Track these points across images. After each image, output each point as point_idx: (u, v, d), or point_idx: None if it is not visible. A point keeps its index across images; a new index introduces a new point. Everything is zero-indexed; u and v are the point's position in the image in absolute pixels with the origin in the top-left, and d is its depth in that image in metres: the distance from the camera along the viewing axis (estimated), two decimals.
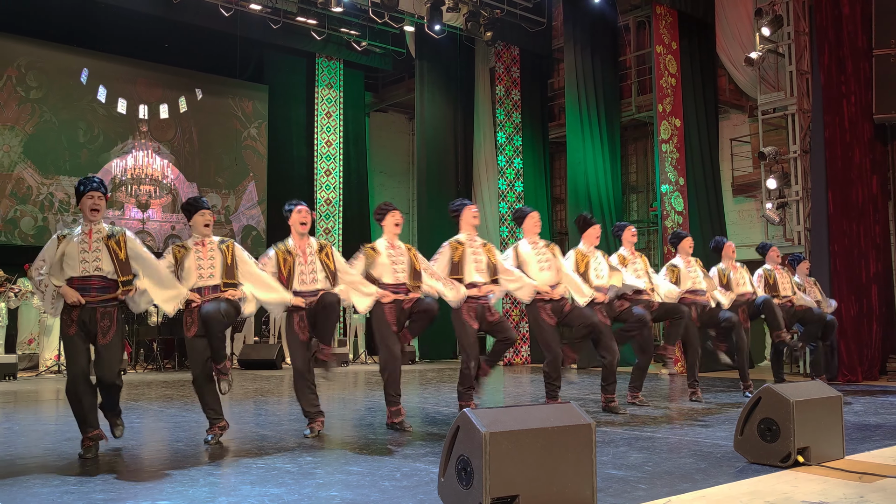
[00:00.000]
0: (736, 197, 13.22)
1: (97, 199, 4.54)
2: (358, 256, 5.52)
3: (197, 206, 5.02)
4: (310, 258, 5.23)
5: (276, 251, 5.24)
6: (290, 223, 5.31)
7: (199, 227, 4.97)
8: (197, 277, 4.84)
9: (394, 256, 5.50)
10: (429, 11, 12.77)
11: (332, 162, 15.36)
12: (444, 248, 5.83)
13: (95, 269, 4.45)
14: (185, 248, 4.93)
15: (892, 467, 3.97)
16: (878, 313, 9.69)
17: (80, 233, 4.52)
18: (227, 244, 4.98)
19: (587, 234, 6.54)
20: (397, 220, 5.59)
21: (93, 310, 4.42)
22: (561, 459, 3.02)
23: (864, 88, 9.74)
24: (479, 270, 5.78)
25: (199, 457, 4.50)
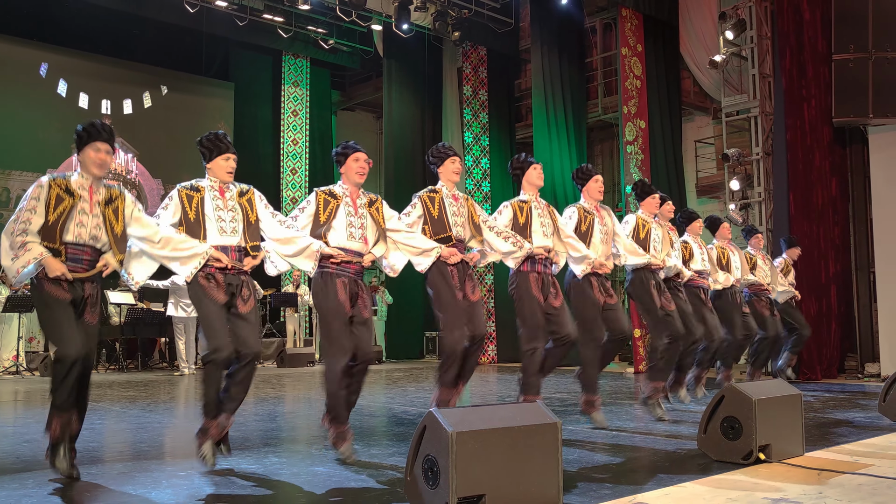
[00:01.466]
0: (700, 198, 13.39)
1: (104, 154, 3.72)
2: (414, 205, 4.70)
3: (221, 146, 4.02)
4: (360, 210, 4.30)
5: (316, 193, 4.28)
6: (343, 171, 4.34)
7: (222, 173, 4.02)
8: (219, 231, 3.91)
9: (455, 206, 4.73)
10: (396, 10, 12.75)
11: (298, 160, 15.28)
12: (506, 207, 5.14)
13: (91, 237, 3.67)
14: (197, 191, 3.95)
15: (849, 464, 4.06)
16: (837, 313, 9.89)
17: (78, 186, 3.67)
18: (248, 195, 4.09)
19: (646, 203, 6.09)
20: (457, 167, 4.79)
21: (81, 284, 3.64)
22: (527, 459, 3.03)
23: (823, 92, 9.93)
24: (546, 235, 5.10)
25: (162, 458, 4.44)
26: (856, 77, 9.52)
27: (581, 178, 5.68)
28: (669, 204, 6.61)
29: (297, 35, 14.55)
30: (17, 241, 3.53)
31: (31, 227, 3.54)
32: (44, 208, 3.56)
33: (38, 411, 6.75)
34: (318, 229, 4.20)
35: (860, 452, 4.39)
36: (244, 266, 3.96)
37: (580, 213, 5.49)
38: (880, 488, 3.46)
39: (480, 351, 4.82)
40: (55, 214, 3.57)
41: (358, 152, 4.35)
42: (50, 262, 3.53)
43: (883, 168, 9.90)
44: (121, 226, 3.73)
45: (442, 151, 4.83)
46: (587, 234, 5.44)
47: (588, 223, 5.46)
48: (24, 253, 3.52)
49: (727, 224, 7.64)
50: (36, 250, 3.52)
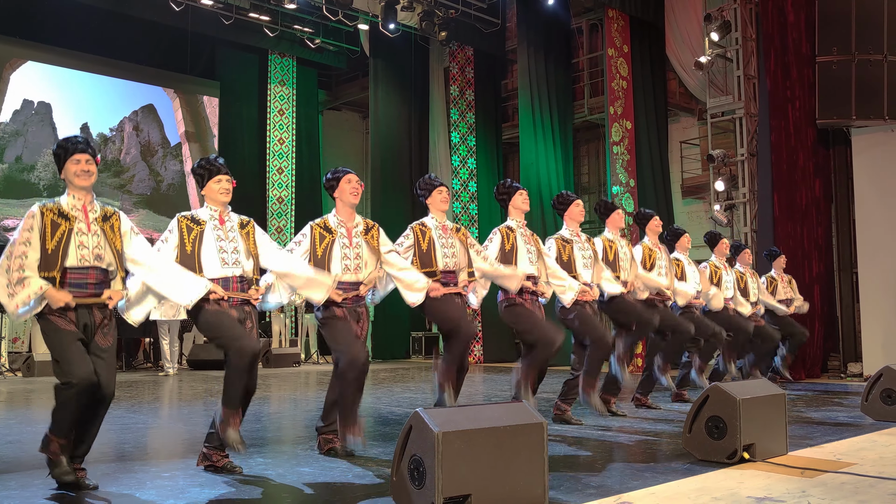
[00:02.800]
0: (685, 199, 13.46)
1: (85, 164, 3.49)
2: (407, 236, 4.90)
3: (212, 170, 3.96)
4: (355, 239, 4.40)
5: (311, 227, 4.38)
6: (337, 195, 4.45)
7: (216, 195, 3.95)
8: (221, 263, 3.87)
9: (444, 238, 4.91)
10: (383, 10, 12.74)
11: (284, 160, 15.23)
12: (495, 234, 5.30)
13: (96, 257, 3.49)
14: (198, 223, 3.90)
15: (832, 463, 4.09)
16: (820, 313, 9.96)
17: (70, 207, 3.50)
18: (248, 228, 4.03)
19: (611, 220, 6.17)
20: (444, 196, 4.99)
21: (89, 309, 3.46)
22: (513, 458, 3.03)
23: (807, 94, 10.01)
24: (531, 262, 5.25)
25: (147, 459, 4.42)
26: (839, 79, 9.60)
27: (561, 204, 5.87)
28: (656, 219, 6.68)
29: (283, 34, 14.51)
30: (14, 277, 3.35)
31: (27, 262, 3.36)
32: (38, 239, 3.39)
33: (20, 412, 6.69)
34: (316, 263, 4.28)
35: (843, 451, 4.43)
36: (250, 296, 3.95)
37: (558, 246, 5.66)
38: (862, 487, 3.50)
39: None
40: (54, 242, 3.39)
41: (349, 174, 4.48)
42: (52, 294, 3.36)
43: (865, 169, 9.99)
44: (119, 242, 3.59)
45: (429, 183, 5.02)
46: (569, 264, 5.61)
47: (568, 252, 5.65)
48: (21, 289, 3.34)
49: (726, 241, 7.63)
50: (35, 284, 3.34)
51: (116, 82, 14.32)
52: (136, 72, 14.29)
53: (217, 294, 3.81)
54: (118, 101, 14.36)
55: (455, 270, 4.92)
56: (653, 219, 6.63)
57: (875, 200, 9.86)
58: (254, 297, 3.97)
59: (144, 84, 14.63)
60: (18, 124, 13.23)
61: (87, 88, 13.96)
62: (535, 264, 5.29)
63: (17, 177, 13.04)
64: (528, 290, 5.20)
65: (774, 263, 8.56)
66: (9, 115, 13.11)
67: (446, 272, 4.87)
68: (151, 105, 14.86)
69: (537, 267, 5.31)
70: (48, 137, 13.48)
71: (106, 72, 14.03)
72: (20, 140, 13.24)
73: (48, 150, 13.36)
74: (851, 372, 10.03)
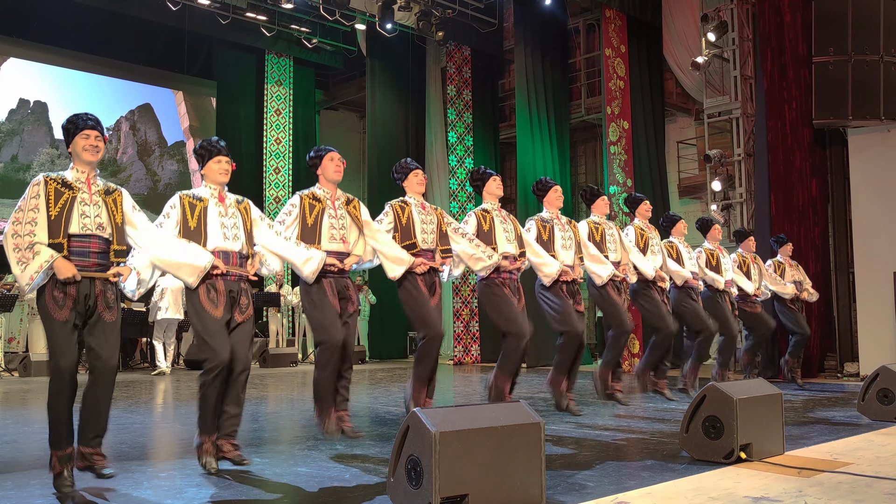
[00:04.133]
0: (682, 199, 13.47)
1: (94, 139, 3.60)
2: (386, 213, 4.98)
3: (212, 150, 4.10)
4: (339, 210, 4.55)
5: (301, 198, 4.51)
6: (320, 172, 4.61)
7: (215, 175, 4.08)
8: (223, 238, 3.96)
9: (423, 215, 5.00)
10: (380, 10, 12.73)
11: (281, 160, 15.21)
12: (471, 216, 5.37)
13: (98, 226, 3.53)
14: (200, 200, 4.00)
15: (828, 462, 4.10)
16: (817, 313, 9.98)
17: (75, 178, 3.57)
18: (244, 204, 4.17)
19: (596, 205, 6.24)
20: (420, 179, 5.09)
21: (91, 282, 3.48)
22: (510, 458, 3.03)
23: (804, 94, 10.02)
24: (509, 241, 5.32)
25: (144, 459, 4.41)
26: (836, 79, 9.61)
27: (540, 190, 5.96)
28: (646, 203, 6.78)
29: (280, 34, 14.50)
30: (24, 241, 3.36)
31: (37, 228, 3.39)
32: (44, 204, 3.43)
33: (16, 412, 6.68)
34: (306, 232, 4.41)
35: (840, 451, 4.44)
36: (247, 272, 4.02)
37: (538, 225, 5.74)
38: (859, 486, 3.50)
39: None
40: (57, 208, 3.44)
41: (331, 152, 4.66)
42: (60, 265, 3.37)
43: (862, 169, 10.01)
44: (120, 216, 3.63)
45: (405, 166, 5.14)
46: (549, 243, 5.68)
47: (549, 232, 5.71)
48: (33, 257, 3.35)
49: (718, 226, 7.65)
50: (45, 253, 3.36)
51: (113, 82, 14.30)
52: (132, 71, 14.26)
53: (219, 269, 3.87)
54: (115, 101, 14.34)
55: (433, 249, 5.00)
56: (643, 202, 6.76)
57: (871, 200, 9.87)
58: (250, 273, 4.04)
59: (141, 84, 14.60)
60: (14, 123, 13.20)
61: (83, 88, 13.94)
62: (512, 243, 5.36)
63: (13, 176, 13.02)
64: (505, 269, 5.26)
65: (781, 250, 8.61)
66: (4, 114, 13.09)
67: (425, 249, 4.95)
68: (148, 104, 14.84)
69: (515, 245, 5.37)
70: (44, 137, 13.46)
71: (103, 71, 14.00)
72: (16, 139, 13.21)
73: (44, 150, 13.36)
74: (848, 372, 10.04)
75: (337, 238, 4.48)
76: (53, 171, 3.60)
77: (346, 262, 4.50)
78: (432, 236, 5.00)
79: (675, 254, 6.89)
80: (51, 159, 13.42)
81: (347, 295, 4.50)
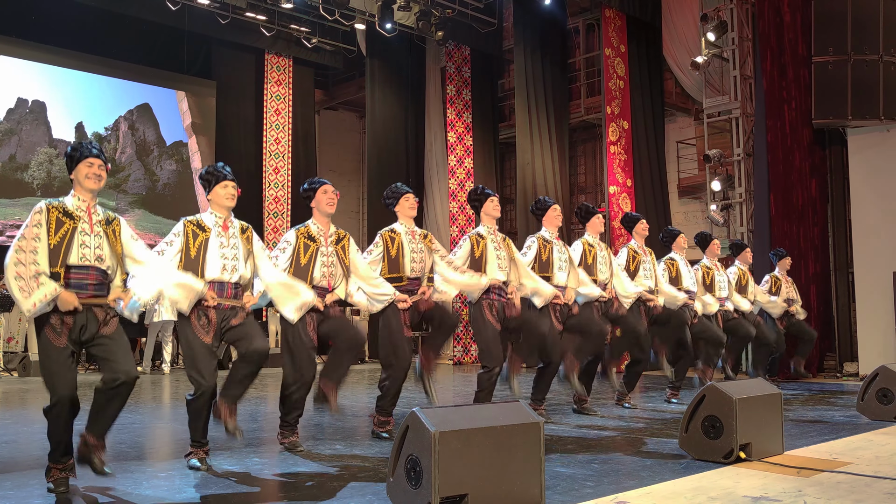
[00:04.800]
0: (681, 198, 13.47)
1: (97, 168, 3.60)
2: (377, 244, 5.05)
3: (218, 176, 4.15)
4: (329, 248, 4.64)
5: (297, 235, 4.59)
6: (314, 205, 4.68)
7: (222, 200, 4.13)
8: (221, 270, 4.03)
9: (413, 244, 5.04)
10: (380, 9, 12.73)
11: (280, 160, 15.19)
12: (465, 241, 5.41)
13: (97, 257, 3.55)
14: (203, 230, 4.06)
15: (828, 462, 4.10)
16: (817, 312, 9.98)
17: (75, 207, 3.57)
18: (248, 233, 4.22)
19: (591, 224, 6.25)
20: (411, 203, 5.14)
21: (87, 312, 3.50)
22: (510, 458, 3.03)
23: (804, 94, 10.03)
24: (501, 268, 5.36)
25: (143, 459, 4.41)
26: (835, 79, 9.62)
27: (539, 210, 6.00)
28: (643, 222, 6.76)
29: (279, 34, 14.48)
30: (29, 270, 3.37)
31: (39, 257, 3.41)
32: (45, 233, 3.45)
33: (16, 412, 6.68)
34: (298, 271, 4.52)
35: (839, 451, 4.44)
36: (242, 304, 4.11)
37: (539, 244, 5.79)
38: (858, 486, 3.50)
39: None
40: (57, 238, 3.46)
41: (325, 185, 4.73)
42: (64, 298, 3.39)
43: (861, 169, 10.01)
44: (119, 246, 3.66)
45: (396, 191, 5.18)
46: (548, 264, 5.75)
47: (548, 252, 5.77)
48: (37, 287, 3.36)
49: (717, 242, 7.64)
50: (50, 286, 3.38)
51: (112, 81, 14.26)
52: (131, 71, 14.23)
53: (210, 301, 3.94)
54: (113, 101, 14.31)
55: (419, 277, 5.05)
56: (640, 222, 6.72)
57: (871, 200, 9.88)
58: (246, 305, 4.12)
59: (140, 83, 14.58)
60: (12, 123, 13.18)
61: (82, 87, 13.91)
62: (505, 270, 5.39)
63: (11, 176, 12.99)
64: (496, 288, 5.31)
65: (780, 264, 8.58)
66: (2, 114, 13.07)
67: (412, 279, 5.01)
68: (147, 104, 14.81)
69: (507, 272, 5.41)
70: (42, 136, 13.44)
71: (101, 71, 13.97)
72: (14, 139, 13.19)
73: (42, 149, 13.34)
74: (847, 371, 10.05)
75: (327, 276, 4.60)
76: (56, 199, 3.60)
77: (327, 298, 4.59)
78: (420, 265, 5.05)
79: (674, 271, 6.86)
80: (49, 159, 13.40)
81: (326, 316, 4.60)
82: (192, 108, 15.17)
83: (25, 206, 12.99)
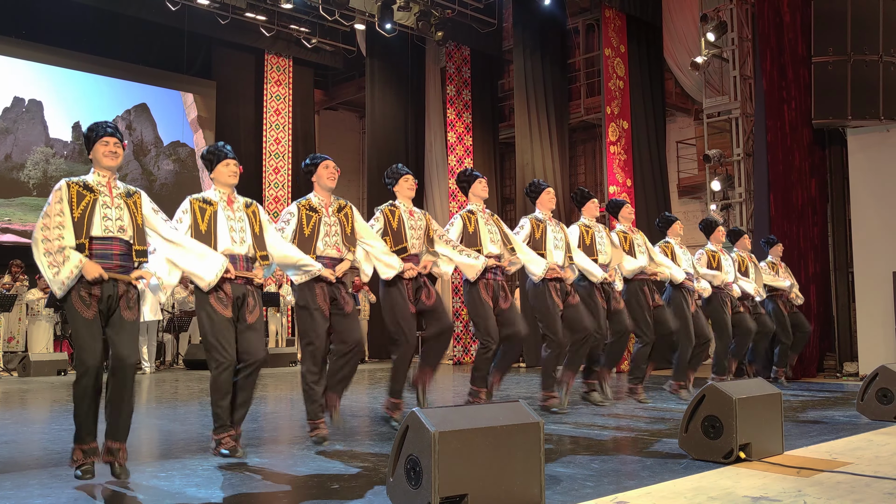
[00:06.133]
0: (681, 198, 13.47)
1: (114, 146, 3.73)
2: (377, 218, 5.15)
3: (220, 154, 4.30)
4: (332, 217, 4.72)
5: (298, 207, 4.67)
6: (315, 179, 4.79)
7: (225, 178, 4.27)
8: (231, 242, 4.13)
9: (412, 220, 5.16)
10: (380, 10, 12.73)
11: (280, 160, 15.20)
12: (456, 219, 5.54)
13: (119, 228, 3.66)
14: (209, 204, 4.17)
15: (828, 462, 4.10)
16: (816, 312, 9.98)
17: (96, 182, 3.69)
18: (253, 207, 4.33)
19: (586, 208, 6.40)
20: (410, 184, 5.25)
21: (114, 283, 3.60)
22: (509, 458, 3.03)
23: (803, 94, 10.02)
24: (493, 242, 5.50)
25: (143, 459, 4.41)
26: (835, 79, 9.61)
27: (533, 192, 6.17)
28: (628, 206, 6.87)
29: (279, 34, 14.49)
30: (54, 245, 3.49)
31: (65, 231, 3.53)
32: (68, 207, 3.57)
33: (16, 412, 6.68)
34: (303, 241, 4.60)
35: (839, 451, 4.44)
36: (254, 275, 4.17)
37: (532, 224, 5.94)
38: (858, 486, 3.50)
39: None
40: (79, 210, 3.58)
41: (326, 160, 4.82)
42: (88, 267, 3.50)
43: (861, 169, 10.01)
44: (141, 218, 3.77)
45: (396, 172, 5.31)
46: (541, 241, 5.87)
47: (541, 231, 5.91)
48: (65, 262, 3.49)
49: (721, 228, 7.66)
50: (75, 257, 3.50)
51: (110, 81, 14.27)
52: (130, 71, 14.24)
53: (231, 273, 4.02)
54: (111, 100, 14.31)
55: (419, 253, 5.16)
56: (624, 206, 6.85)
57: (871, 200, 9.87)
58: (257, 276, 4.19)
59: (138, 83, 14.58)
60: (9, 122, 13.18)
61: (79, 87, 13.91)
62: (497, 244, 5.51)
63: (7, 175, 12.98)
64: (491, 268, 5.39)
65: (772, 251, 8.62)
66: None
67: (412, 255, 5.11)
68: (144, 104, 14.82)
69: (500, 246, 5.52)
70: (39, 136, 13.44)
71: (99, 70, 13.97)
72: (10, 138, 13.19)
73: (38, 149, 13.34)
74: (847, 371, 10.04)
75: (331, 244, 4.66)
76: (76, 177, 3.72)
77: (338, 268, 4.64)
78: (419, 241, 5.16)
79: (669, 254, 6.97)
80: (45, 158, 13.40)
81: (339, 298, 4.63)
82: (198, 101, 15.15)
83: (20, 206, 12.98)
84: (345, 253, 4.70)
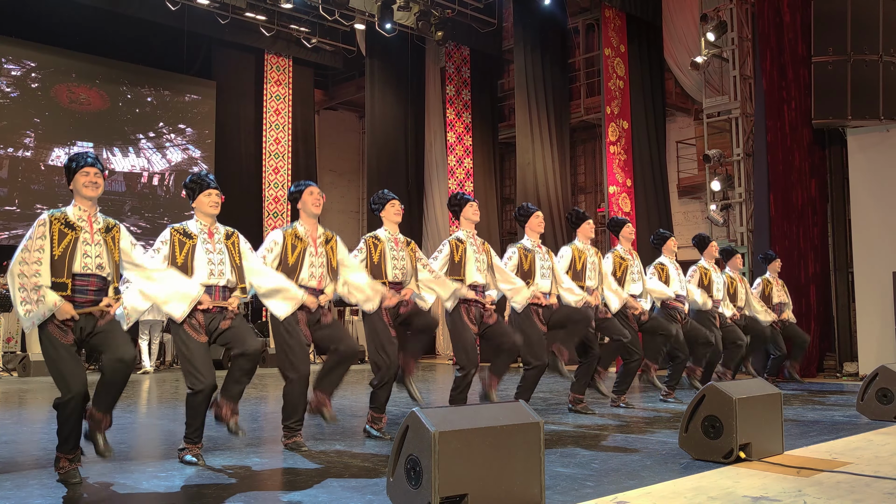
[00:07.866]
0: (681, 198, 13.47)
1: (94, 176, 3.74)
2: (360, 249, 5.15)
3: (202, 183, 4.27)
4: (319, 248, 4.72)
5: (284, 235, 4.65)
6: (300, 206, 4.76)
7: (206, 208, 4.25)
8: (209, 275, 4.16)
9: (395, 251, 5.15)
10: (380, 10, 12.72)
11: (280, 160, 15.19)
12: (445, 246, 5.50)
13: (97, 265, 3.71)
14: (190, 237, 4.20)
15: (827, 462, 4.10)
16: (816, 312, 9.98)
17: (77, 217, 3.72)
18: (233, 238, 4.33)
19: (582, 230, 6.30)
20: (397, 209, 5.24)
21: (87, 317, 3.67)
22: (510, 458, 3.03)
23: (803, 94, 10.03)
24: (479, 271, 5.45)
25: (142, 459, 4.41)
26: (835, 79, 9.62)
27: (522, 216, 6.08)
28: (629, 226, 6.76)
29: (279, 34, 14.48)
30: (30, 282, 3.54)
31: (42, 268, 3.57)
32: (49, 245, 3.60)
33: (15, 412, 6.68)
34: (287, 270, 4.60)
35: (839, 451, 4.44)
36: (229, 304, 4.22)
37: (520, 254, 5.89)
38: (858, 486, 3.50)
39: None
40: (60, 248, 3.62)
41: (311, 186, 4.82)
42: (62, 310, 3.56)
43: (861, 169, 10.01)
44: (117, 253, 3.83)
45: (382, 197, 5.29)
46: (529, 273, 5.83)
47: (530, 262, 5.86)
48: (38, 303, 3.54)
49: (715, 244, 7.63)
50: (50, 299, 3.54)
51: None
52: (130, 71, 14.23)
53: (204, 303, 4.09)
54: None
55: (402, 281, 5.16)
56: (626, 226, 6.74)
57: (870, 200, 9.87)
58: (232, 305, 4.22)
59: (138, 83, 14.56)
60: None
61: None
62: (483, 272, 5.49)
63: None
64: (471, 299, 5.39)
65: (770, 267, 8.56)
66: None
67: (394, 283, 5.11)
68: None
69: (486, 276, 5.51)
70: None
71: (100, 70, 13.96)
72: None
73: None
74: (847, 371, 10.05)
75: (316, 276, 4.68)
76: (57, 210, 3.74)
77: (321, 298, 4.67)
78: (402, 271, 5.15)
79: (664, 276, 6.90)
80: None
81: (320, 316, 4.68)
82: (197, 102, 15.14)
83: None
84: (325, 285, 4.72)
